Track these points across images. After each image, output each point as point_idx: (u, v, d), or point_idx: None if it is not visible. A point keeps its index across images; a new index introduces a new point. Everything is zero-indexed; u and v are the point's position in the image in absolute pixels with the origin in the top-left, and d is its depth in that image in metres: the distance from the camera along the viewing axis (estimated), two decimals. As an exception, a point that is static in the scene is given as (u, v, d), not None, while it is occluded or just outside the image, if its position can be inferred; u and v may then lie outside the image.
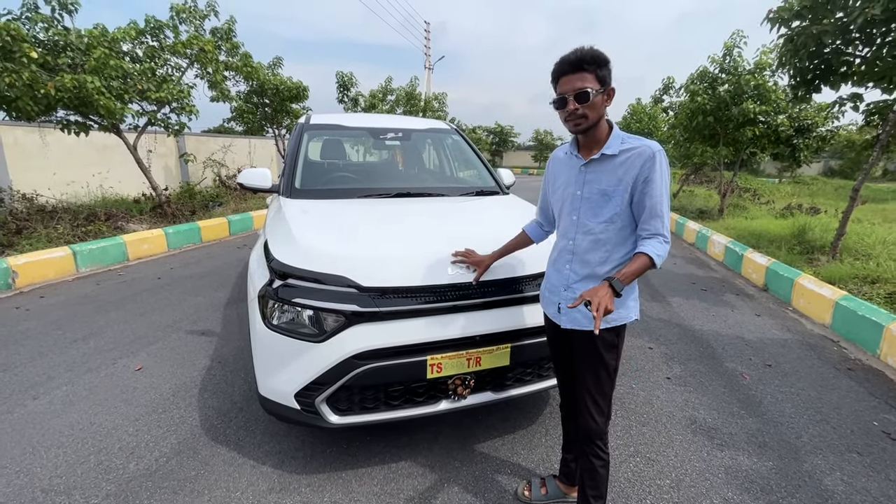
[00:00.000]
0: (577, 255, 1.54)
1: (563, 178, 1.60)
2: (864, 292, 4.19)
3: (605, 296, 1.30)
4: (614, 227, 1.47)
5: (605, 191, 1.46)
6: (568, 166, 1.58)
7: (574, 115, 1.41)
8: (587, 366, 1.55)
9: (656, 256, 1.39)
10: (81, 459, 2.07)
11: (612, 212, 1.46)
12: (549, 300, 1.67)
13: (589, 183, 1.50)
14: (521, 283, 2.00)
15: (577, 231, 1.53)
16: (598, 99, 1.39)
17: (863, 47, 4.56)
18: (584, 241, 1.52)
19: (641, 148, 1.42)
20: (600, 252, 1.50)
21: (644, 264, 1.39)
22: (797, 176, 22.33)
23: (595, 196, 1.48)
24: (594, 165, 1.48)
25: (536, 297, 2.01)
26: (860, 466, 2.18)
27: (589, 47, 1.40)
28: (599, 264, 1.50)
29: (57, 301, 4.26)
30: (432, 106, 19.12)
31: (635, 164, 1.41)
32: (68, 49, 5.75)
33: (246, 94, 10.61)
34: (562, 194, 1.60)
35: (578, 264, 1.54)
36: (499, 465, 2.09)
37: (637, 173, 1.41)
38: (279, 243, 2.01)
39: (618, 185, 1.44)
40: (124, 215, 6.92)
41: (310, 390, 1.81)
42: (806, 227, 6.30)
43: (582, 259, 1.53)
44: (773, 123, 8.09)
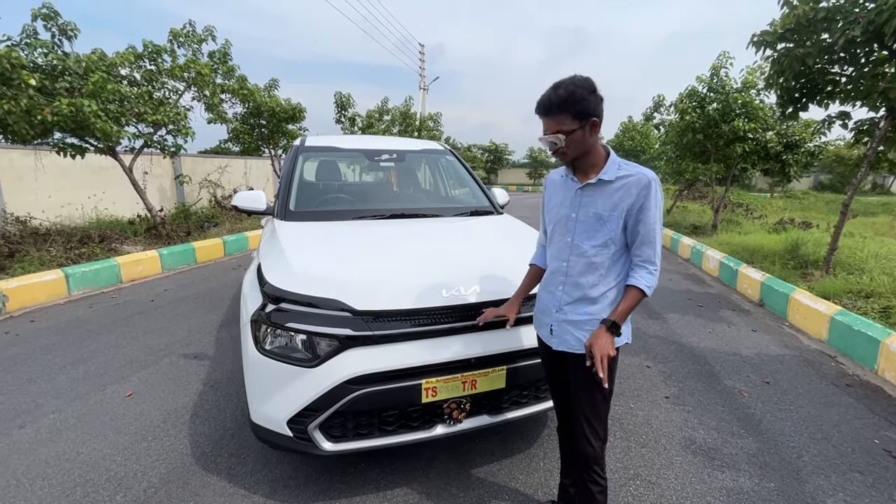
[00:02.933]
0: (570, 277, 1.54)
1: (557, 200, 1.62)
2: (858, 307, 4.21)
3: (606, 345, 1.37)
4: (608, 252, 1.49)
5: (601, 215, 1.47)
6: (563, 189, 1.60)
7: (556, 152, 1.47)
8: (582, 389, 1.54)
9: (646, 288, 1.44)
10: (67, 491, 2.01)
11: (607, 236, 1.47)
12: (541, 322, 1.67)
13: (584, 206, 1.51)
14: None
15: (571, 253, 1.54)
16: (576, 136, 1.41)
17: (847, 67, 4.69)
18: (577, 263, 1.52)
19: (638, 176, 1.45)
20: (594, 275, 1.50)
21: (637, 298, 1.45)
22: (788, 191, 22.62)
23: (590, 219, 1.49)
24: (590, 189, 1.50)
25: (531, 318, 2.01)
26: (863, 486, 2.15)
27: (567, 82, 1.40)
28: (592, 287, 1.51)
29: (47, 325, 4.20)
30: (427, 125, 19.36)
31: (631, 192, 1.44)
32: (66, 73, 5.81)
33: (242, 115, 10.72)
34: (556, 215, 1.61)
35: (571, 287, 1.54)
36: (497, 491, 2.05)
37: (633, 201, 1.43)
38: (272, 267, 2.00)
39: (613, 211, 1.45)
40: (118, 237, 6.89)
41: (303, 416, 1.78)
42: (799, 242, 6.36)
43: (575, 282, 1.53)
44: (761, 140, 8.24)
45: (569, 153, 1.45)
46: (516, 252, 2.45)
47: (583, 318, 1.51)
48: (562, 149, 1.44)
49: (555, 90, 1.40)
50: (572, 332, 1.53)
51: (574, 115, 1.39)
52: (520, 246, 2.57)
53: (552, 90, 1.41)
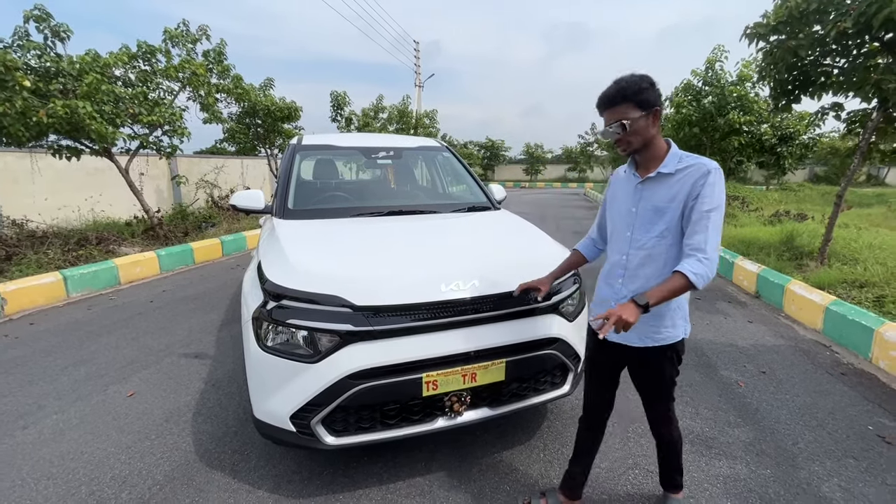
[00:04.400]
0: (629, 270, 1.58)
1: (620, 195, 1.66)
2: (852, 296, 4.25)
3: (625, 310, 1.33)
4: (665, 243, 1.50)
5: (658, 207, 1.50)
6: (626, 184, 1.64)
7: (619, 142, 1.50)
8: (646, 377, 1.68)
9: (692, 274, 1.36)
10: (72, 490, 2.03)
11: (664, 227, 1.49)
12: (594, 312, 1.70)
13: (644, 199, 1.55)
14: (514, 299, 2.01)
15: (631, 247, 1.58)
16: (640, 124, 1.44)
17: (839, 58, 4.72)
18: (636, 256, 1.56)
19: (697, 165, 1.46)
20: (651, 267, 1.53)
21: (679, 284, 1.37)
22: (783, 183, 22.73)
23: (648, 212, 1.53)
24: (650, 183, 1.54)
25: (530, 311, 2.04)
26: (857, 472, 2.19)
27: (627, 77, 1.45)
28: (650, 279, 1.53)
29: (47, 328, 4.21)
30: (424, 123, 19.34)
31: (689, 181, 1.45)
32: (60, 75, 5.79)
33: (238, 115, 10.69)
34: (617, 210, 1.66)
35: (630, 279, 1.58)
36: (498, 482, 2.08)
37: (690, 190, 1.44)
38: (272, 265, 2.02)
39: (671, 202, 1.47)
40: (116, 238, 6.88)
41: (305, 412, 1.80)
42: (794, 234, 6.40)
43: (634, 274, 1.57)
44: (756, 133, 8.28)
45: (633, 142, 1.47)
46: (514, 246, 2.48)
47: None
48: (626, 137, 1.46)
49: (617, 83, 1.45)
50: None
51: (637, 104, 1.43)
52: (517, 240, 2.60)
53: (615, 84, 1.46)
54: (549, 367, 2.15)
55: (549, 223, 11.54)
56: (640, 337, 1.57)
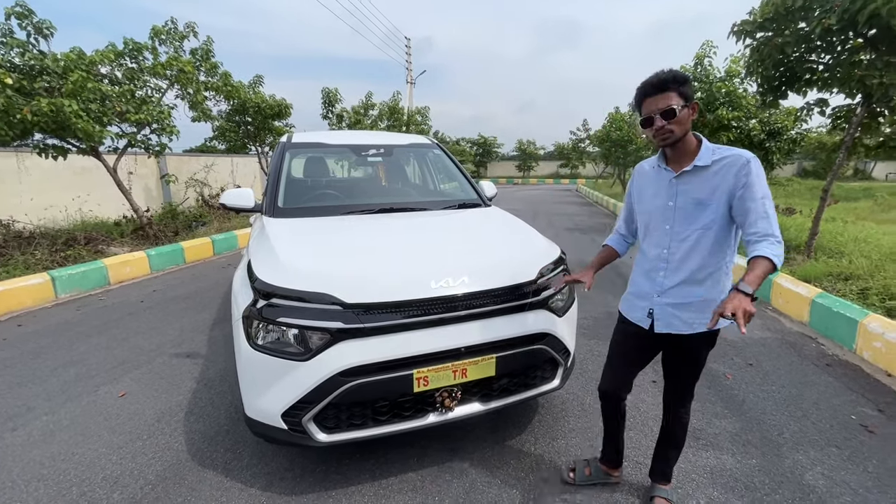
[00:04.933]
0: (671, 262, 1.62)
1: (651, 190, 1.69)
2: (837, 289, 4.33)
3: (742, 302, 1.29)
4: (710, 234, 1.54)
5: (701, 200, 1.53)
6: (656, 179, 1.66)
7: (662, 130, 1.51)
8: (685, 363, 1.73)
9: (775, 257, 1.37)
10: (63, 491, 2.02)
11: (709, 218, 1.53)
12: (635, 305, 1.75)
13: (682, 193, 1.57)
14: (503, 294, 2.03)
15: (672, 240, 1.61)
16: (683, 114, 1.49)
17: (824, 55, 4.78)
18: (679, 248, 1.59)
19: (734, 157, 1.50)
20: (696, 258, 1.57)
21: (766, 267, 1.37)
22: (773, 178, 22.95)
23: (689, 206, 1.55)
24: (687, 177, 1.56)
25: (520, 307, 2.06)
26: (839, 460, 2.24)
27: (669, 69, 1.51)
28: (697, 269, 1.58)
29: (35, 329, 4.16)
30: (415, 120, 19.29)
31: (730, 172, 1.48)
32: (45, 73, 5.70)
33: (227, 113, 10.59)
34: (651, 206, 1.68)
35: (673, 271, 1.62)
36: (490, 476, 2.10)
37: (734, 181, 1.48)
38: (262, 263, 2.02)
39: (713, 194, 1.51)
40: (105, 238, 6.81)
41: (297, 409, 1.81)
42: (781, 228, 6.49)
43: (678, 266, 1.60)
44: (745, 128, 8.36)
45: (676, 131, 1.50)
46: (503, 242, 2.50)
47: (689, 300, 1.59)
48: (670, 125, 1.49)
49: (663, 73, 1.50)
50: (678, 314, 1.61)
51: (680, 94, 1.48)
52: (507, 236, 2.61)
53: (657, 74, 1.52)
54: (538, 361, 2.17)
55: (541, 219, 11.59)
56: (689, 325, 1.61)
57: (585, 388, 2.93)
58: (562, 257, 2.41)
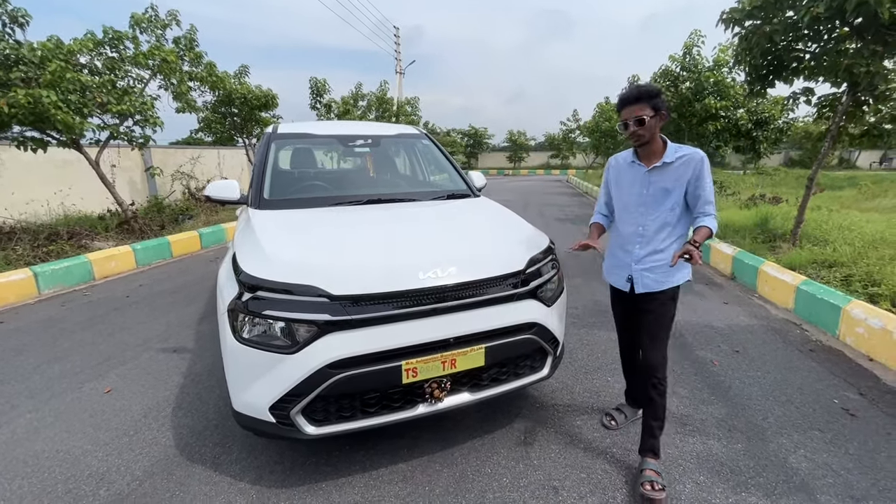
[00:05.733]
0: (645, 237, 2.02)
1: (627, 180, 2.09)
2: (822, 276, 4.40)
3: (696, 250, 1.74)
4: (675, 214, 1.99)
5: (667, 188, 1.96)
6: (631, 172, 2.07)
7: (634, 134, 1.92)
8: (655, 319, 2.03)
9: (713, 226, 1.89)
10: (48, 489, 1.99)
11: (673, 202, 1.97)
12: (616, 275, 2.15)
13: (653, 183, 1.99)
14: (492, 285, 2.02)
15: (646, 219, 2.02)
16: (651, 122, 1.89)
17: (812, 43, 4.80)
18: (653, 224, 2.01)
19: (691, 154, 1.95)
20: (664, 232, 2.00)
21: (708, 233, 1.87)
22: (760, 167, 23.23)
23: (659, 193, 1.98)
24: (657, 171, 1.98)
25: (508, 297, 2.06)
26: (821, 443, 2.29)
27: (645, 84, 1.95)
28: (662, 241, 2.00)
29: (17, 326, 4.08)
30: (405, 110, 19.11)
31: (689, 167, 1.93)
32: (21, 63, 5.52)
33: (213, 104, 10.39)
34: (627, 193, 2.08)
35: (646, 243, 2.03)
36: (480, 465, 2.11)
37: (692, 174, 1.93)
38: (248, 256, 1.99)
39: (676, 183, 1.94)
40: (88, 233, 6.67)
41: (284, 402, 1.79)
42: (768, 217, 6.57)
43: (651, 238, 2.01)
44: (733, 118, 8.42)
45: (645, 135, 1.91)
46: (492, 233, 2.49)
47: (656, 264, 2.01)
48: (639, 131, 1.90)
49: (637, 88, 1.89)
50: (649, 276, 2.03)
51: (651, 106, 1.87)
52: (495, 227, 2.60)
53: (635, 88, 1.89)
54: (528, 351, 2.18)
55: (531, 210, 11.60)
56: (660, 283, 2.01)
57: (575, 377, 2.95)
58: (551, 247, 2.41)
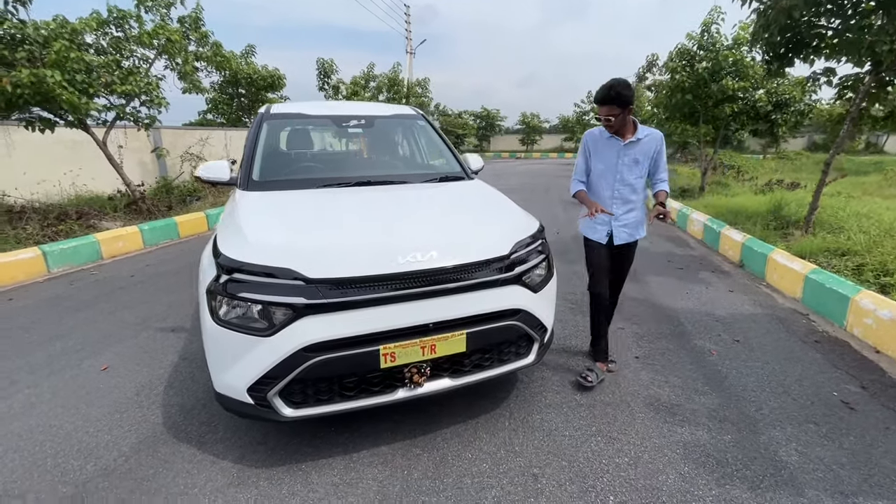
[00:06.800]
0: (619, 198, 2.59)
1: (605, 152, 2.58)
2: (833, 265, 4.25)
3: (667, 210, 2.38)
4: (641, 180, 2.59)
5: (637, 159, 2.53)
6: (608, 144, 2.57)
7: (607, 125, 2.48)
8: (627, 264, 2.77)
9: (667, 190, 2.59)
10: (38, 462, 2.04)
11: (641, 171, 2.56)
12: (597, 230, 2.66)
13: (627, 155, 2.54)
14: (474, 270, 1.98)
15: (620, 184, 2.57)
16: (620, 117, 2.42)
17: (833, 19, 4.54)
18: (624, 189, 2.57)
19: (654, 134, 2.57)
20: (635, 195, 2.59)
21: (665, 195, 2.55)
22: (781, 151, 22.46)
23: (631, 162, 2.54)
24: (630, 145, 2.52)
25: (491, 282, 2.01)
26: (816, 436, 2.23)
27: (615, 84, 2.38)
28: (633, 202, 2.59)
29: (25, 303, 4.18)
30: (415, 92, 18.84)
31: (653, 143, 2.55)
32: (25, 42, 5.54)
33: (220, 84, 10.35)
34: (605, 162, 2.58)
35: (621, 204, 2.59)
36: (460, 451, 2.10)
37: (655, 149, 2.55)
38: (227, 238, 1.97)
39: (644, 155, 2.54)
40: (97, 213, 6.77)
41: (262, 384, 1.79)
42: (782, 203, 6.35)
43: (624, 201, 2.58)
44: (751, 99, 8.09)
45: (615, 125, 2.47)
46: (478, 217, 2.43)
47: (630, 221, 2.61)
48: (612, 124, 2.45)
49: (608, 90, 2.37)
50: (625, 231, 2.62)
51: (619, 104, 2.38)
52: (483, 211, 2.54)
53: (607, 89, 2.38)
54: (512, 337, 2.14)
55: (538, 192, 11.41)
56: (631, 236, 2.65)
57: (567, 363, 2.91)
58: (539, 231, 2.35)
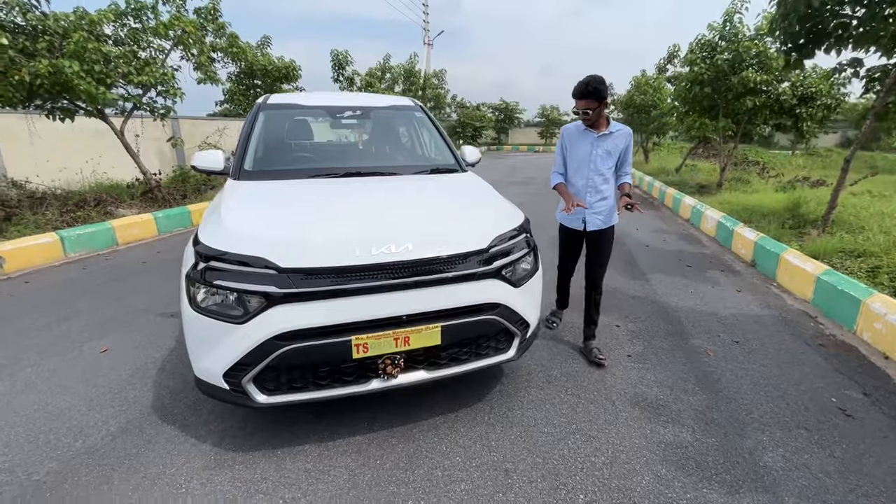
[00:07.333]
0: (593, 187, 2.72)
1: (580, 145, 2.71)
2: (847, 266, 4.07)
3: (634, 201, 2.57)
4: (611, 171, 2.73)
5: (609, 151, 2.67)
6: (583, 137, 2.70)
7: (584, 118, 2.62)
8: (604, 249, 2.83)
9: (631, 183, 2.77)
10: (31, 438, 2.13)
11: (613, 162, 2.70)
12: (574, 218, 2.80)
13: (600, 147, 2.67)
14: (450, 262, 1.96)
15: (595, 174, 2.70)
16: (597, 111, 2.56)
17: (857, 7, 4.30)
18: (597, 179, 2.71)
19: (624, 129, 2.70)
20: (607, 185, 2.73)
21: (629, 187, 2.71)
22: (812, 148, 21.57)
23: (604, 154, 2.67)
24: (604, 137, 2.66)
25: (468, 276, 1.99)
26: (806, 443, 2.15)
27: (592, 80, 2.49)
28: (605, 191, 2.73)
29: (40, 286, 4.35)
30: (432, 83, 18.75)
31: (623, 137, 2.69)
32: (46, 34, 5.71)
33: (236, 75, 10.49)
34: (580, 154, 2.71)
35: (594, 193, 2.72)
36: (435, 443, 2.11)
37: (624, 143, 2.70)
38: (207, 226, 2.01)
39: (615, 148, 2.67)
40: (114, 200, 6.98)
41: (236, 370, 1.83)
42: (801, 201, 6.11)
43: (597, 189, 2.72)
44: (773, 93, 7.76)
45: (592, 118, 2.59)
46: (462, 210, 2.40)
47: (603, 209, 2.74)
48: (589, 117, 2.59)
49: (586, 85, 2.49)
50: (598, 217, 2.75)
51: (596, 98, 2.51)
52: (468, 203, 2.52)
53: (584, 85, 2.49)
54: (491, 332, 2.12)
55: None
56: (604, 222, 2.77)
57: (554, 359, 2.88)
58: (524, 225, 2.31)
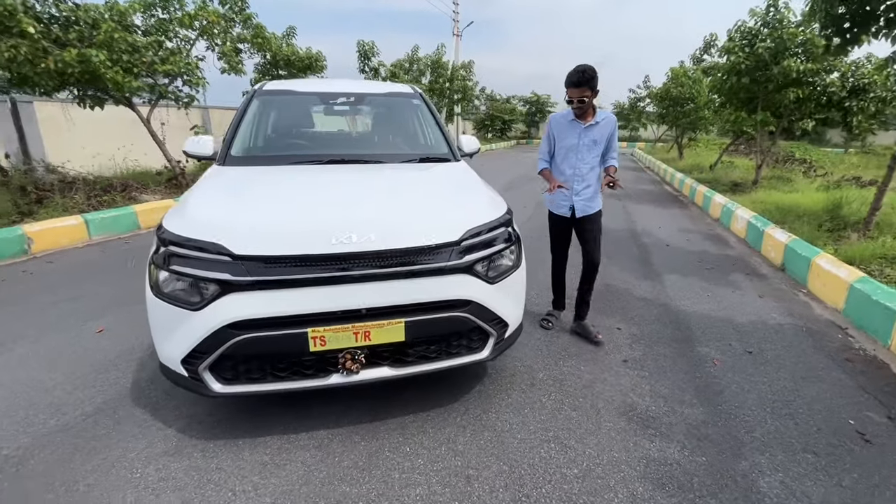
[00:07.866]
0: (579, 175, 2.79)
1: (567, 134, 2.78)
2: (886, 275, 3.69)
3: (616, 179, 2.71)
4: (597, 159, 2.81)
5: (595, 140, 2.75)
6: (570, 127, 2.77)
7: (577, 107, 2.65)
8: (594, 232, 2.88)
9: (617, 164, 2.86)
10: (11, 413, 2.19)
11: (599, 150, 2.79)
12: (560, 205, 2.88)
13: (587, 136, 2.74)
14: (416, 255, 1.85)
15: (580, 163, 2.78)
16: (588, 101, 2.63)
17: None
18: (585, 167, 2.78)
19: (609, 118, 2.78)
20: (592, 172, 2.81)
21: (615, 168, 2.80)
22: (868, 145, 20.00)
23: (590, 143, 2.75)
24: (590, 127, 2.73)
25: (435, 270, 1.88)
26: (810, 468, 1.93)
27: (586, 69, 2.55)
28: (592, 178, 2.81)
29: (60, 266, 4.54)
30: (459, 75, 18.52)
31: (609, 126, 2.78)
32: (76, 24, 5.93)
33: (262, 66, 10.65)
34: (568, 142, 2.78)
35: (581, 181, 2.80)
36: (400, 443, 2.01)
37: (609, 131, 2.78)
38: (174, 212, 1.98)
39: (601, 136, 2.75)
40: (139, 186, 7.24)
41: (193, 358, 1.79)
42: (842, 201, 5.62)
43: (583, 177, 2.80)
44: (820, 84, 7.16)
45: (585, 107, 2.66)
46: (439, 201, 2.29)
47: (588, 194, 2.82)
48: (582, 106, 2.64)
49: (582, 73, 2.54)
50: (584, 203, 2.82)
51: (589, 87, 2.58)
52: (448, 194, 2.40)
53: (580, 73, 2.54)
54: (463, 330, 2.01)
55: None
56: (591, 207, 2.84)
57: (542, 361, 2.73)
58: (505, 218, 2.17)
